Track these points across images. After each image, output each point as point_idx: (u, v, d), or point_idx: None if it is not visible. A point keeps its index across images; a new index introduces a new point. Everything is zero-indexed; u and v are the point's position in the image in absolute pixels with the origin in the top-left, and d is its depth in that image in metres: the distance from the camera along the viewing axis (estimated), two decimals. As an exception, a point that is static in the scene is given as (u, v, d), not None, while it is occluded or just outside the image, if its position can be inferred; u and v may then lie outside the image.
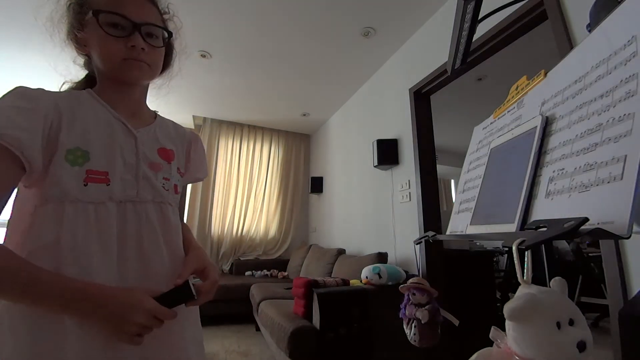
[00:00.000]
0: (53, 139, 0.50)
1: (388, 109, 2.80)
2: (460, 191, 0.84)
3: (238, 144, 4.27)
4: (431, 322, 0.71)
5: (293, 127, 4.51)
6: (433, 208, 2.23)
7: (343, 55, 2.78)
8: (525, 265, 0.41)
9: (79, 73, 0.66)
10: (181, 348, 0.57)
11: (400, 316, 0.77)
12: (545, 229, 0.42)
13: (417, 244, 0.85)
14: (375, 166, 2.64)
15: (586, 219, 0.36)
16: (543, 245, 0.44)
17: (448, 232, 0.80)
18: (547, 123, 0.56)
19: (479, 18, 0.78)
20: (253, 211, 4.21)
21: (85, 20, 0.56)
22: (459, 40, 0.85)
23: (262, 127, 4.43)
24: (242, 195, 4.18)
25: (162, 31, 0.60)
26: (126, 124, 0.59)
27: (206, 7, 2.23)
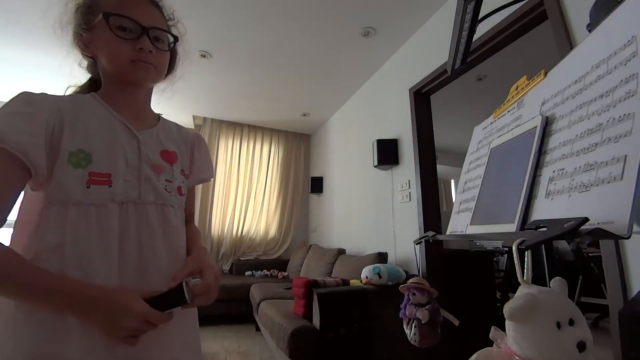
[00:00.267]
0: (56, 142, 0.51)
1: (388, 109, 2.80)
2: (460, 191, 0.84)
3: (238, 144, 4.27)
4: (431, 322, 0.71)
5: (293, 127, 4.51)
6: (433, 208, 2.23)
7: (343, 55, 2.78)
8: (525, 265, 0.41)
9: (83, 76, 0.67)
10: (179, 350, 0.57)
11: (400, 316, 0.77)
12: (545, 229, 0.42)
13: (417, 244, 0.85)
14: (375, 166, 2.64)
15: (586, 219, 0.36)
16: (543, 245, 0.44)
17: (448, 232, 0.80)
18: (547, 123, 0.56)
19: (479, 18, 0.78)
20: (253, 211, 4.21)
21: (93, 22, 0.57)
22: (459, 40, 0.85)
23: (262, 127, 4.43)
24: (242, 195, 4.18)
25: (168, 36, 0.62)
26: (129, 127, 0.59)
27: (206, 7, 2.23)
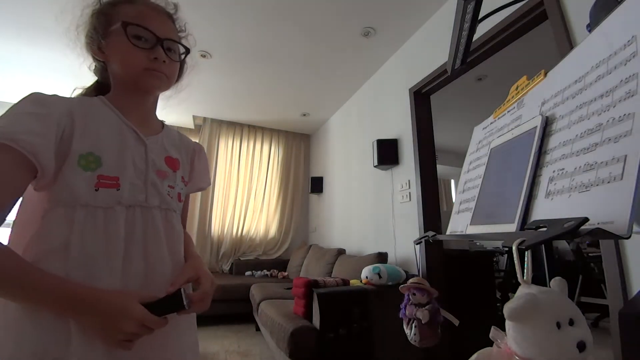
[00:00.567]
0: (66, 145, 0.51)
1: (388, 109, 2.80)
2: (460, 191, 0.84)
3: (238, 144, 4.27)
4: (431, 322, 0.71)
5: (293, 127, 4.51)
6: (433, 208, 2.23)
7: (343, 55, 2.78)
8: (525, 265, 0.41)
9: (85, 76, 0.68)
10: (178, 350, 0.58)
11: (400, 316, 0.77)
12: (545, 229, 0.42)
13: (417, 244, 0.85)
14: (375, 166, 2.64)
15: (586, 219, 0.36)
16: (543, 245, 0.44)
17: (448, 232, 0.80)
18: (547, 123, 0.56)
19: (479, 18, 0.78)
20: (253, 211, 4.21)
21: (110, 29, 0.58)
22: (459, 40, 0.85)
23: (262, 127, 4.43)
24: (242, 195, 4.18)
25: (179, 47, 0.65)
26: (137, 132, 0.60)
27: (206, 7, 2.23)
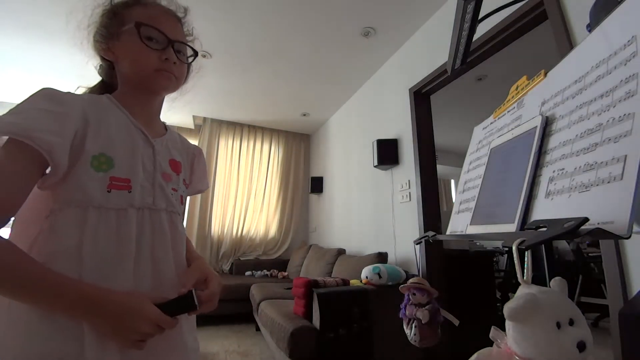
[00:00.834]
0: (79, 145, 0.51)
1: (388, 109, 2.80)
2: (460, 191, 0.84)
3: (238, 144, 4.26)
4: (431, 322, 0.71)
5: (293, 127, 4.51)
6: (433, 208, 2.23)
7: (343, 55, 2.78)
8: (525, 265, 0.41)
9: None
10: (183, 353, 0.58)
11: (400, 316, 0.77)
12: (545, 229, 0.42)
13: (417, 244, 0.85)
14: (375, 166, 2.64)
15: (586, 219, 0.36)
16: (543, 245, 0.44)
17: (448, 232, 0.80)
18: (547, 123, 0.56)
19: (479, 18, 0.78)
20: (253, 211, 4.20)
21: (121, 29, 0.58)
22: (459, 40, 0.85)
23: (262, 127, 4.43)
24: (242, 195, 4.18)
25: (188, 49, 0.66)
26: (145, 133, 0.60)
27: (206, 7, 2.23)
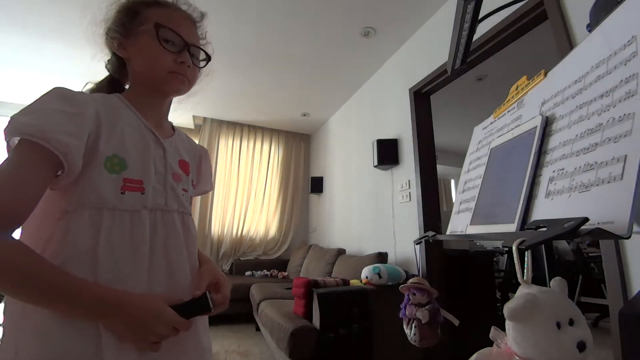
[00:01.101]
0: (93, 146, 0.50)
1: (388, 109, 2.80)
2: (460, 191, 0.84)
3: (238, 144, 4.26)
4: (431, 322, 0.71)
5: (293, 127, 4.51)
6: (433, 208, 2.23)
7: (343, 55, 2.78)
8: (525, 265, 0.41)
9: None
10: (200, 354, 0.59)
11: (400, 316, 0.77)
12: (545, 229, 0.42)
13: (417, 244, 0.85)
14: (375, 166, 2.64)
15: (586, 219, 0.36)
16: (543, 245, 0.44)
17: (448, 232, 0.80)
18: (547, 123, 0.56)
19: (479, 18, 0.78)
20: (253, 211, 4.20)
21: (138, 28, 0.58)
22: (459, 40, 0.85)
23: (262, 127, 4.43)
24: (242, 195, 4.18)
25: (202, 53, 0.67)
26: (156, 134, 0.60)
27: (206, 7, 2.22)
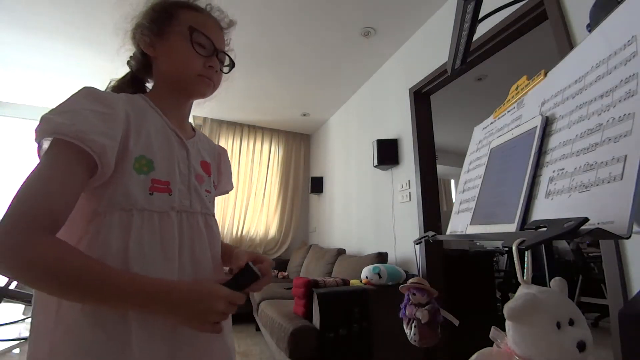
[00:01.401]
0: (123, 147, 0.51)
1: (388, 109, 2.80)
2: (460, 191, 0.84)
3: (238, 144, 4.26)
4: (431, 322, 0.71)
5: (293, 127, 4.51)
6: (433, 208, 2.23)
7: (343, 55, 2.78)
8: (525, 265, 0.41)
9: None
10: (226, 354, 0.60)
11: (400, 316, 0.77)
12: (545, 229, 0.41)
13: (417, 244, 0.85)
14: (375, 166, 2.64)
15: (586, 219, 0.36)
16: (543, 245, 0.44)
17: (448, 232, 0.80)
18: (547, 123, 0.56)
19: (479, 18, 0.78)
20: (253, 211, 4.20)
21: (171, 29, 0.59)
22: (459, 40, 0.85)
23: (262, 127, 4.43)
24: (242, 195, 4.17)
25: (227, 60, 0.68)
26: (179, 135, 0.60)
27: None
